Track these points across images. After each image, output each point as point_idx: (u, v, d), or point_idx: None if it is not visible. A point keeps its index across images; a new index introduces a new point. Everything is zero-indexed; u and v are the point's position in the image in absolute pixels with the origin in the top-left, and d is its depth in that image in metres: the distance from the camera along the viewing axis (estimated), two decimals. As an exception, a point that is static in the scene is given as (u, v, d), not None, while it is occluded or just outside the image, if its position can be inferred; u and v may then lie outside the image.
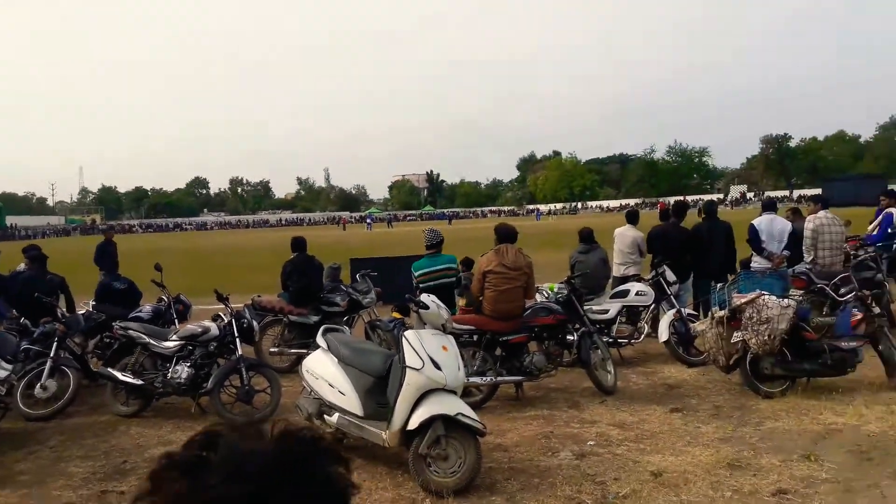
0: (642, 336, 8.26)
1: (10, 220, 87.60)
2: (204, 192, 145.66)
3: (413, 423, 4.54)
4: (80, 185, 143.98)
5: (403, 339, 4.89)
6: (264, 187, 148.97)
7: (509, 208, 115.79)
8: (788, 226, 8.96)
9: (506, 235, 6.84)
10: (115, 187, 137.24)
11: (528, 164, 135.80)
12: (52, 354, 6.61)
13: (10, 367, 5.89)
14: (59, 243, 53.58)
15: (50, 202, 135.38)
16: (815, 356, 6.36)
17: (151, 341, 6.69)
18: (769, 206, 9.39)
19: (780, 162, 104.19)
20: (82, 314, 8.00)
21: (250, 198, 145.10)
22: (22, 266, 8.49)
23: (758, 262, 8.81)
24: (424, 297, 5.19)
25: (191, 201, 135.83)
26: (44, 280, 7.91)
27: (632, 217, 9.86)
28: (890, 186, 14.00)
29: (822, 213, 8.81)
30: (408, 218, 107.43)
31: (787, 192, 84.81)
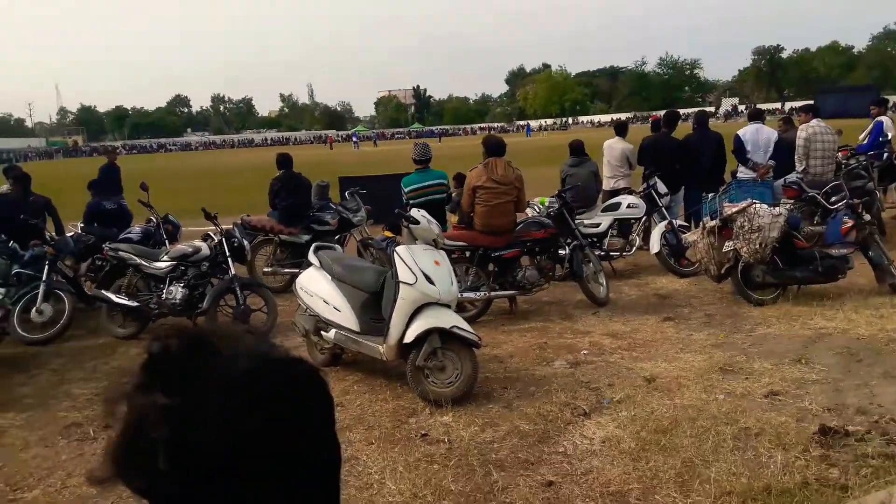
0: (634, 248, 8.29)
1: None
2: (185, 110, 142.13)
3: (409, 337, 4.58)
4: (59, 104, 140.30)
5: (395, 254, 4.87)
6: (247, 105, 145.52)
7: (499, 124, 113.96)
8: (774, 135, 8.84)
9: (494, 148, 6.70)
10: (95, 106, 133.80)
11: (517, 78, 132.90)
12: (44, 278, 6.54)
13: (2, 290, 5.85)
14: (45, 166, 52.64)
15: (28, 123, 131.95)
16: (806, 264, 6.43)
17: (143, 262, 6.64)
18: (755, 115, 9.25)
19: (772, 74, 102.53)
20: (71, 236, 7.88)
21: (233, 116, 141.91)
22: (4, 187, 8.29)
23: (743, 173, 8.74)
24: (415, 213, 5.13)
25: (173, 120, 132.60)
26: (28, 201, 7.73)
27: (620, 129, 9.72)
28: (883, 96, 13.86)
29: (814, 122, 8.70)
30: (395, 136, 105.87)
31: (778, 105, 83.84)
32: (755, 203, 6.53)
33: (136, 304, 6.47)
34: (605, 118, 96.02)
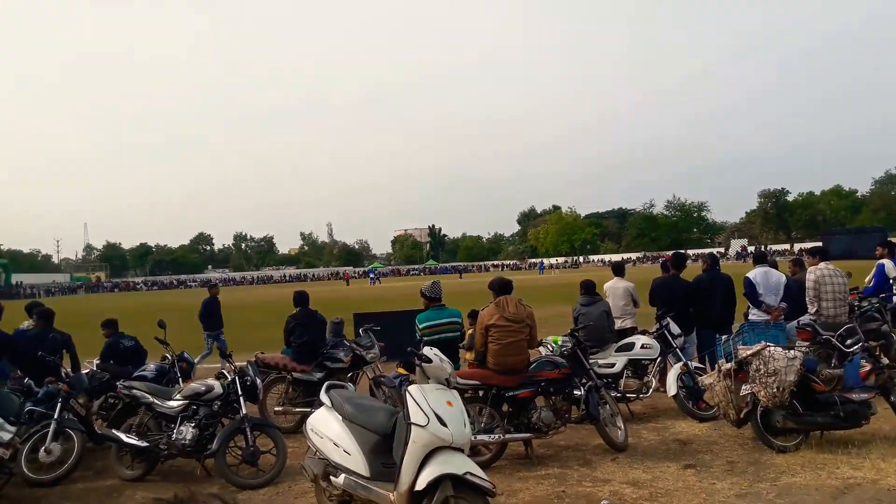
0: (650, 391, 8.16)
1: (16, 277, 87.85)
2: (208, 248, 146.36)
3: (420, 484, 4.43)
4: (85, 241, 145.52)
5: (407, 394, 4.82)
6: (268, 243, 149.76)
7: (511, 262, 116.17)
8: (783, 278, 8.97)
9: (501, 288, 6.83)
10: (120, 243, 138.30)
11: (528, 219, 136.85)
12: (56, 416, 6.52)
13: (13, 429, 5.82)
14: (67, 302, 53.62)
15: (55, 259, 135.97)
16: (826, 409, 6.28)
17: (156, 401, 6.63)
18: (760, 258, 9.42)
19: (779, 216, 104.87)
20: (86, 373, 7.93)
21: (254, 253, 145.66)
22: (27, 324, 8.48)
23: (756, 315, 8.78)
24: (427, 351, 5.14)
25: (195, 257, 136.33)
26: (48, 338, 7.85)
27: (618, 270, 9.99)
28: (890, 238, 14.04)
29: (822, 265, 8.76)
30: (411, 272, 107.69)
31: (787, 246, 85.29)
32: (769, 346, 6.51)
33: (145, 444, 6.38)
34: (616, 257, 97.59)
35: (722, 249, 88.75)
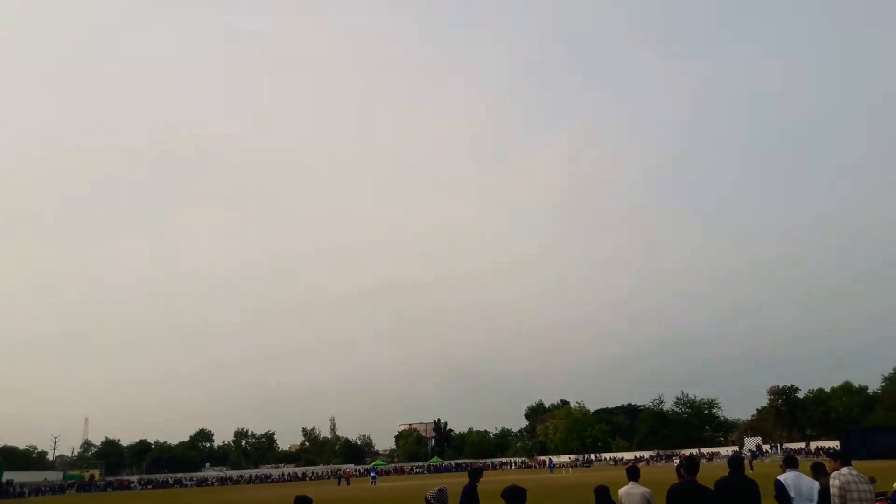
0: None
1: (8, 475, 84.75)
2: (207, 444, 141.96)
3: None
4: (84, 437, 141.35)
5: None
6: (269, 439, 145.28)
7: (520, 459, 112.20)
8: (816, 484, 8.58)
9: (513, 498, 6.66)
10: (119, 440, 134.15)
11: (536, 413, 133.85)
12: None
13: None
14: (54, 502, 51.60)
15: (51, 456, 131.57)
16: None
17: None
18: (792, 462, 8.97)
19: (791, 413, 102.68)
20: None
21: (254, 450, 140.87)
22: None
23: None
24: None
25: (193, 455, 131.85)
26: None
27: (633, 473, 9.48)
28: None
29: (845, 470, 8.26)
30: (415, 470, 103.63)
31: (803, 444, 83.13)
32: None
33: None
34: (629, 455, 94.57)
35: (736, 448, 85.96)
